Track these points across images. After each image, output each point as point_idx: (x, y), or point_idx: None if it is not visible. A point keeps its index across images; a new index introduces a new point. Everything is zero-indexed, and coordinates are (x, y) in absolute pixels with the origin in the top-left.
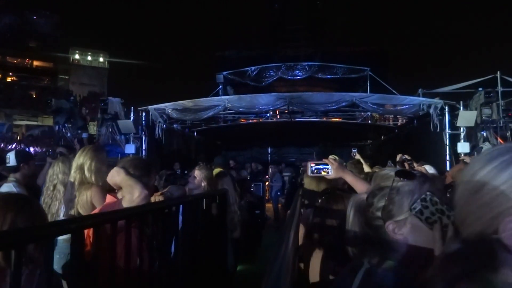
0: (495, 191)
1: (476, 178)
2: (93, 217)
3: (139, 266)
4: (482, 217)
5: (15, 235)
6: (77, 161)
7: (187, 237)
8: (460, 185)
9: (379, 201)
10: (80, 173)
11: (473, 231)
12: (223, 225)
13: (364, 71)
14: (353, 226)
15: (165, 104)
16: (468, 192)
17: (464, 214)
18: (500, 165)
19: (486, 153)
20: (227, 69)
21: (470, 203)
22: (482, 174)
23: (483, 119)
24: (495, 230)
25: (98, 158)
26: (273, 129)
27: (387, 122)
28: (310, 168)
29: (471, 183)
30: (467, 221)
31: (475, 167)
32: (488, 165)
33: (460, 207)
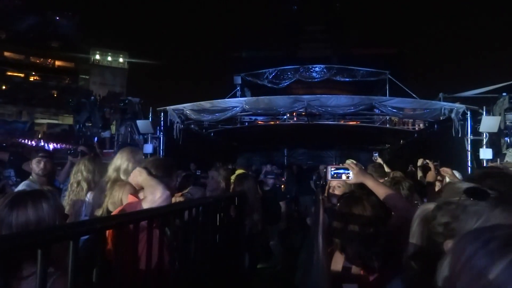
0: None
1: (485, 274)
2: (116, 218)
3: (159, 266)
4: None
5: (40, 235)
6: (115, 162)
7: (206, 238)
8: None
9: (443, 216)
10: (116, 174)
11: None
12: (241, 227)
13: (383, 74)
14: (414, 237)
15: (184, 105)
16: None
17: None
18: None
19: (485, 238)
20: (244, 70)
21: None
22: (493, 273)
23: (507, 125)
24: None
25: (135, 159)
26: (290, 131)
27: (406, 126)
28: (330, 172)
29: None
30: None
31: (479, 259)
32: (499, 264)
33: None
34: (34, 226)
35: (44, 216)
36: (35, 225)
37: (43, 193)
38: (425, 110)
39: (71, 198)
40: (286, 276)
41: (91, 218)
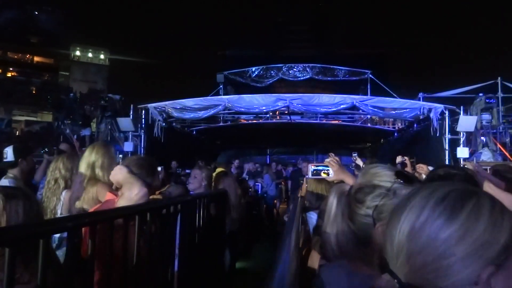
0: (477, 241)
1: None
2: (90, 216)
3: (136, 264)
4: (461, 270)
5: (10, 233)
6: (88, 158)
7: (186, 236)
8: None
9: (372, 200)
10: (91, 171)
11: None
12: (221, 225)
13: (365, 73)
14: (336, 219)
15: (165, 103)
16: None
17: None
18: (472, 213)
19: (438, 199)
20: (228, 68)
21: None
22: (447, 233)
23: (483, 125)
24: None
25: (109, 154)
26: (273, 130)
27: (386, 126)
28: (310, 170)
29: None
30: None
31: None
32: (451, 225)
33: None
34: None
35: (18, 215)
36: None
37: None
38: (405, 110)
39: (47, 196)
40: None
41: (63, 216)
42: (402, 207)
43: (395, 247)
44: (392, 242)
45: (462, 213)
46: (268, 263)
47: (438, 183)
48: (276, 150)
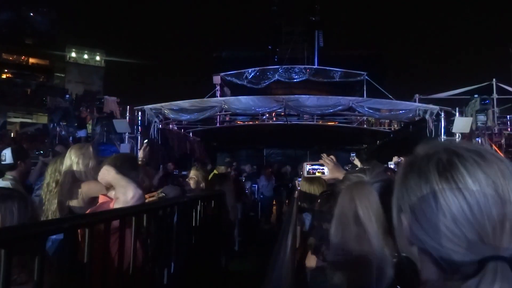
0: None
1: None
2: (86, 217)
3: (132, 265)
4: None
5: (5, 233)
6: (66, 163)
7: (182, 237)
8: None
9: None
10: (71, 174)
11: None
12: (217, 226)
13: (361, 75)
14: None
15: (161, 104)
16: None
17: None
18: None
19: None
20: (224, 70)
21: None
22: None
23: (478, 126)
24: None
25: (85, 155)
26: (269, 131)
27: (382, 127)
28: (305, 169)
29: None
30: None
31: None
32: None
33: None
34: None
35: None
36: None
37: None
38: (400, 111)
39: (47, 199)
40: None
41: (59, 217)
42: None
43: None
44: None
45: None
46: (263, 264)
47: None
48: (273, 152)
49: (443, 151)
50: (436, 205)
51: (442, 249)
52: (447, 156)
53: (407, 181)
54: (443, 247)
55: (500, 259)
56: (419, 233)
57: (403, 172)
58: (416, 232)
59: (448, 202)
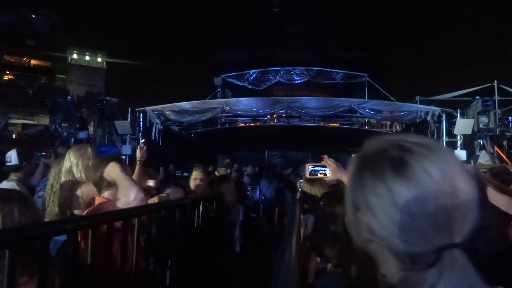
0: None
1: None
2: (89, 218)
3: (134, 267)
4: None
5: (8, 234)
6: (65, 165)
7: (183, 239)
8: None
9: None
10: (71, 175)
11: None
12: (218, 228)
13: (362, 77)
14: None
15: (163, 106)
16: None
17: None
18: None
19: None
20: (226, 71)
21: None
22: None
23: (480, 127)
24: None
25: (84, 156)
26: (270, 133)
27: (384, 129)
28: (307, 170)
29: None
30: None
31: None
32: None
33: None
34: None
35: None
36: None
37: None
38: (402, 113)
39: (52, 200)
40: (262, 276)
41: (62, 218)
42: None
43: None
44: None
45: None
46: (264, 266)
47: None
48: (274, 153)
49: (393, 147)
50: (392, 201)
51: (401, 242)
52: (398, 152)
53: (361, 179)
54: (402, 241)
55: (455, 246)
56: (377, 229)
57: (356, 170)
58: (374, 228)
59: (403, 197)
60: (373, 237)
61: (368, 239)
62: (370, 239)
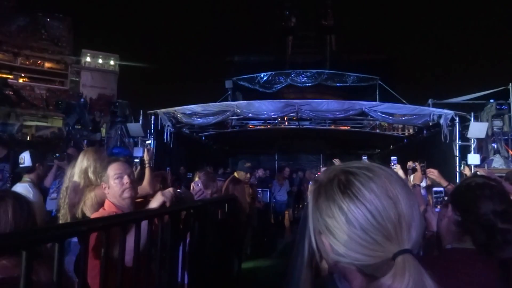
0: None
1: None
2: (103, 220)
3: (146, 268)
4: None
5: (26, 236)
6: (81, 165)
7: (195, 241)
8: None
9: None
10: (84, 177)
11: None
12: (230, 230)
13: (374, 80)
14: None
15: (174, 108)
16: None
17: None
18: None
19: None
20: (236, 74)
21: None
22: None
23: (494, 131)
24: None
25: (101, 159)
26: (281, 136)
27: (395, 132)
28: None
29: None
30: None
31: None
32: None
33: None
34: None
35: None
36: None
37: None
38: (414, 116)
39: (66, 203)
40: (273, 279)
41: (77, 220)
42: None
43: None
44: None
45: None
46: (275, 268)
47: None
48: (285, 156)
49: (340, 172)
50: (346, 220)
51: (361, 256)
52: (344, 176)
53: (318, 205)
54: (361, 254)
55: (405, 252)
56: (338, 248)
57: (314, 197)
58: (336, 248)
59: (354, 214)
60: (338, 256)
61: (335, 259)
62: (336, 259)
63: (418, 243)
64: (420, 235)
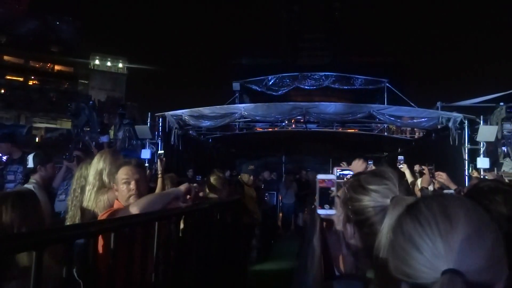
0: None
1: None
2: (113, 222)
3: (154, 270)
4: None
5: (34, 237)
6: (96, 166)
7: (202, 243)
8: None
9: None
10: (99, 179)
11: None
12: (236, 233)
13: (382, 82)
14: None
15: (182, 111)
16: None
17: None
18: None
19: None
20: (244, 77)
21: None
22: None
23: (504, 134)
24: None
25: (117, 162)
26: (288, 138)
27: (403, 135)
28: (336, 174)
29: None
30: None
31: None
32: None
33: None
34: (17, 227)
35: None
36: (18, 226)
37: (26, 194)
38: (423, 119)
39: (74, 204)
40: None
41: (86, 222)
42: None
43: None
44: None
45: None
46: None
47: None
48: (292, 159)
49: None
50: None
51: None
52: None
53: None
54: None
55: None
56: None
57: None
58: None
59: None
60: (404, 277)
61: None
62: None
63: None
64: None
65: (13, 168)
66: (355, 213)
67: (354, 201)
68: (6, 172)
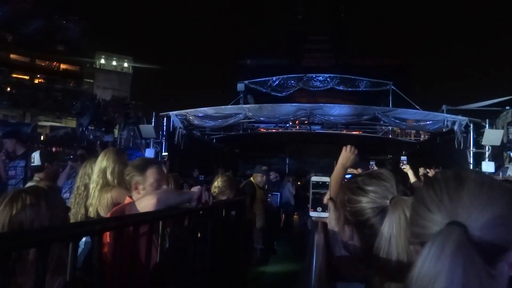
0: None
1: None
2: (117, 220)
3: (158, 268)
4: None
5: (39, 234)
6: (100, 164)
7: (204, 243)
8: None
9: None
10: (103, 177)
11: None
12: (239, 233)
13: (387, 85)
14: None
15: (187, 111)
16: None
17: None
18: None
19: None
20: (248, 77)
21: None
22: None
23: (510, 139)
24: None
25: (121, 161)
26: (292, 139)
27: (408, 138)
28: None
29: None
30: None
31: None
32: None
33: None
34: (29, 225)
35: (40, 215)
36: (31, 224)
37: (42, 191)
38: (428, 122)
39: (77, 202)
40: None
41: (91, 220)
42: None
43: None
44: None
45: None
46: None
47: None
48: (296, 160)
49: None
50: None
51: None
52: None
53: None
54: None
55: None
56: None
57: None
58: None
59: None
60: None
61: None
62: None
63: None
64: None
65: (14, 163)
66: (354, 215)
67: (352, 202)
68: (8, 167)
